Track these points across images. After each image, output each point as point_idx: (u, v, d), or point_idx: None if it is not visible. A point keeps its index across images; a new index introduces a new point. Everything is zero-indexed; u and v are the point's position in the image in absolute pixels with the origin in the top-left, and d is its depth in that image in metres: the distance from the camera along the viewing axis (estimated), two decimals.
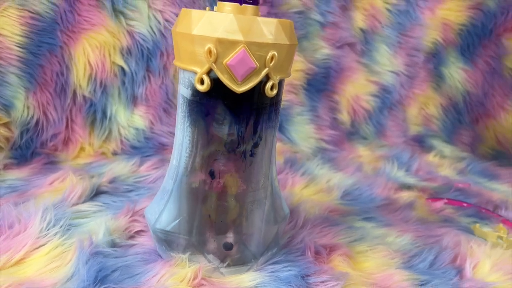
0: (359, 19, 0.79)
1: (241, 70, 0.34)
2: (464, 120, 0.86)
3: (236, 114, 0.36)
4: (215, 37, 0.33)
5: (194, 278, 0.36)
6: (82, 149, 0.66)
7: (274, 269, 0.39)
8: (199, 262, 0.38)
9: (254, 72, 0.34)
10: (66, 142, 0.65)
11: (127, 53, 0.67)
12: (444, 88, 0.86)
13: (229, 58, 0.33)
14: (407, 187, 0.65)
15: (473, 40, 0.83)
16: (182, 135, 0.37)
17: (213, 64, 0.33)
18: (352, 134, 0.82)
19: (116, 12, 0.65)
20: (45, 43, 0.63)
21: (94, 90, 0.66)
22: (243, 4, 0.35)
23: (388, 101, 0.85)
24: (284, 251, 0.43)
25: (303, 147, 0.75)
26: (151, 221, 0.39)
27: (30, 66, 0.63)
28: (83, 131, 0.66)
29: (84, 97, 0.66)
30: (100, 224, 0.42)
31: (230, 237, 0.39)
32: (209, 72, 0.34)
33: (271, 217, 0.41)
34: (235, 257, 0.39)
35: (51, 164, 0.61)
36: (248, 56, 0.33)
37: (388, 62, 0.83)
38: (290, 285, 0.37)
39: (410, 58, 0.84)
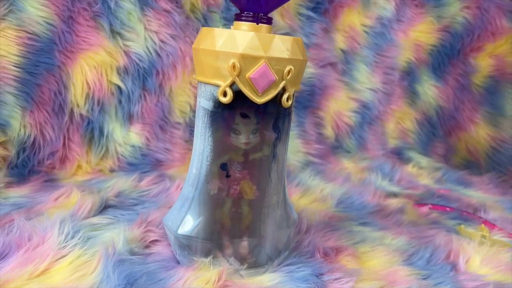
0: (340, 41, 0.85)
1: (262, 82, 0.37)
2: (437, 133, 0.93)
3: (253, 123, 0.39)
4: (238, 53, 0.36)
5: (218, 280, 0.38)
6: (79, 166, 0.66)
7: (289, 270, 0.42)
8: (221, 265, 0.40)
9: (273, 84, 0.37)
10: (63, 160, 0.66)
11: (123, 72, 0.68)
12: (419, 104, 0.92)
13: (252, 72, 0.36)
14: (394, 194, 0.69)
15: (443, 59, 0.90)
16: (203, 144, 0.40)
17: (236, 78, 0.36)
18: (336, 148, 0.86)
19: (114, 33, 0.67)
20: (43, 63, 0.64)
21: (92, 109, 0.67)
22: (259, 24, 0.39)
23: (367, 117, 0.90)
24: (295, 254, 0.45)
25: (293, 160, 0.79)
26: (172, 228, 0.41)
27: (27, 86, 0.63)
28: (80, 149, 0.67)
29: (81, 115, 0.67)
30: (118, 233, 0.43)
31: (246, 241, 0.41)
32: (232, 85, 0.37)
33: (283, 222, 0.43)
34: (251, 260, 0.42)
35: (51, 181, 0.61)
36: (269, 70, 0.36)
37: (367, 80, 0.89)
38: (308, 283, 0.39)
39: (387, 76, 0.90)
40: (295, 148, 0.81)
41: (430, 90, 0.91)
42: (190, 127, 0.73)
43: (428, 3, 0.88)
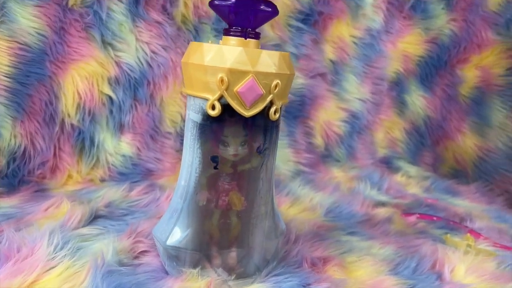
0: (329, 52, 0.86)
1: (250, 96, 0.37)
2: (426, 142, 0.94)
3: (242, 136, 0.39)
4: (226, 67, 0.37)
5: None
6: (70, 176, 0.66)
7: (277, 280, 0.42)
8: (209, 276, 0.40)
9: (260, 98, 0.38)
10: (54, 170, 0.66)
11: (115, 82, 0.69)
12: (407, 114, 0.94)
13: (239, 86, 0.37)
14: (382, 204, 0.70)
15: (431, 70, 0.92)
16: (192, 156, 0.40)
17: (225, 92, 0.37)
18: (326, 157, 0.87)
19: (105, 44, 0.68)
20: (34, 73, 0.65)
21: (83, 119, 0.67)
22: (247, 39, 0.40)
23: (357, 126, 0.91)
24: (283, 264, 0.46)
25: (283, 170, 0.80)
26: (161, 239, 0.41)
27: (18, 96, 0.64)
28: (71, 158, 0.67)
29: (72, 125, 0.67)
30: (107, 244, 0.44)
31: (234, 251, 0.42)
32: (220, 99, 0.38)
33: (271, 232, 0.44)
34: (240, 270, 0.42)
35: (41, 191, 0.61)
36: (256, 84, 0.37)
37: (356, 91, 0.90)
38: None
39: (376, 87, 0.91)
40: (285, 157, 0.81)
41: (418, 100, 0.93)
42: (180, 137, 0.74)
43: (415, 15, 0.90)
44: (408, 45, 0.91)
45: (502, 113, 0.86)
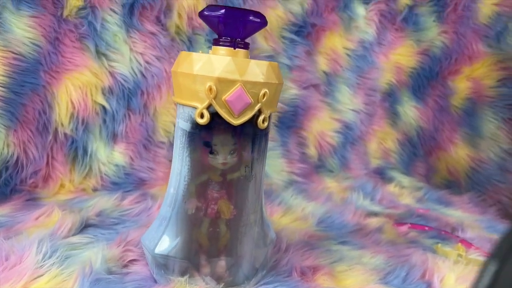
0: (323, 63, 0.87)
1: (238, 105, 0.38)
2: (418, 153, 0.95)
3: (231, 144, 0.40)
4: (215, 77, 0.37)
5: None
6: (62, 185, 0.67)
7: None
8: (197, 284, 0.40)
9: (249, 107, 0.39)
10: (46, 179, 0.66)
11: (108, 92, 0.69)
12: (400, 124, 0.94)
13: (228, 95, 0.38)
14: (374, 214, 0.70)
15: (423, 81, 0.93)
16: (180, 164, 0.41)
17: (213, 100, 0.38)
18: (319, 167, 0.88)
19: (99, 54, 0.69)
20: (28, 83, 0.65)
21: (76, 128, 0.68)
22: (236, 49, 0.40)
23: (350, 137, 0.92)
24: (272, 273, 0.46)
25: (276, 179, 0.80)
26: (150, 247, 0.41)
27: (12, 105, 0.64)
28: (63, 168, 0.67)
29: (65, 134, 0.67)
30: (96, 253, 0.44)
31: (223, 260, 0.42)
32: (209, 107, 0.38)
33: (260, 241, 0.44)
34: (229, 279, 0.42)
35: (33, 200, 0.61)
36: (244, 93, 0.38)
37: (349, 101, 0.91)
38: None
39: (368, 98, 0.92)
40: (278, 167, 0.82)
41: (410, 111, 0.94)
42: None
43: (407, 28, 0.91)
44: (400, 56, 0.92)
45: (494, 124, 0.87)
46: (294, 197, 0.72)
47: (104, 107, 0.70)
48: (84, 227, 0.53)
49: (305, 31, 0.84)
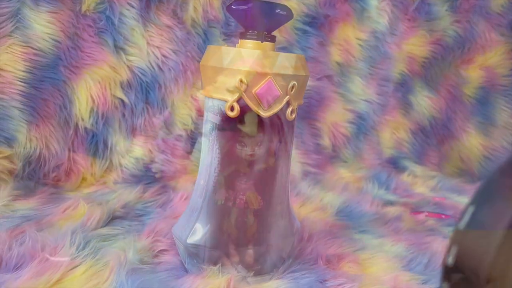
0: (336, 54, 0.87)
1: (267, 97, 0.39)
2: (431, 142, 0.95)
3: (258, 136, 0.41)
4: (245, 70, 0.38)
5: (227, 287, 0.40)
6: (84, 179, 0.68)
7: (293, 277, 0.43)
8: (229, 273, 0.41)
9: (278, 99, 0.39)
10: (68, 172, 0.67)
11: (127, 86, 0.70)
12: (412, 114, 0.95)
13: (258, 88, 0.38)
14: (390, 203, 0.71)
15: (435, 71, 0.93)
16: (210, 156, 0.41)
17: (243, 93, 0.38)
18: (333, 157, 0.88)
19: (117, 49, 0.69)
20: (48, 78, 0.66)
21: (96, 122, 0.69)
22: (263, 42, 0.41)
23: (363, 127, 0.92)
24: (298, 262, 0.47)
25: (292, 170, 0.80)
26: (181, 238, 0.42)
27: (33, 100, 0.65)
28: (85, 161, 0.68)
29: (86, 129, 0.68)
30: (128, 243, 0.45)
31: (251, 249, 0.43)
32: (239, 100, 0.39)
33: (287, 230, 0.45)
34: (257, 268, 0.43)
35: (57, 194, 0.63)
36: (274, 86, 0.39)
37: (361, 92, 0.91)
38: None
39: (381, 88, 0.93)
40: (293, 158, 0.83)
41: (423, 101, 0.94)
42: (191, 139, 0.75)
43: (420, 17, 0.91)
44: (412, 46, 0.92)
45: (507, 113, 0.87)
46: (311, 188, 0.73)
47: (123, 101, 0.70)
48: (112, 219, 0.54)
49: (318, 22, 0.84)
